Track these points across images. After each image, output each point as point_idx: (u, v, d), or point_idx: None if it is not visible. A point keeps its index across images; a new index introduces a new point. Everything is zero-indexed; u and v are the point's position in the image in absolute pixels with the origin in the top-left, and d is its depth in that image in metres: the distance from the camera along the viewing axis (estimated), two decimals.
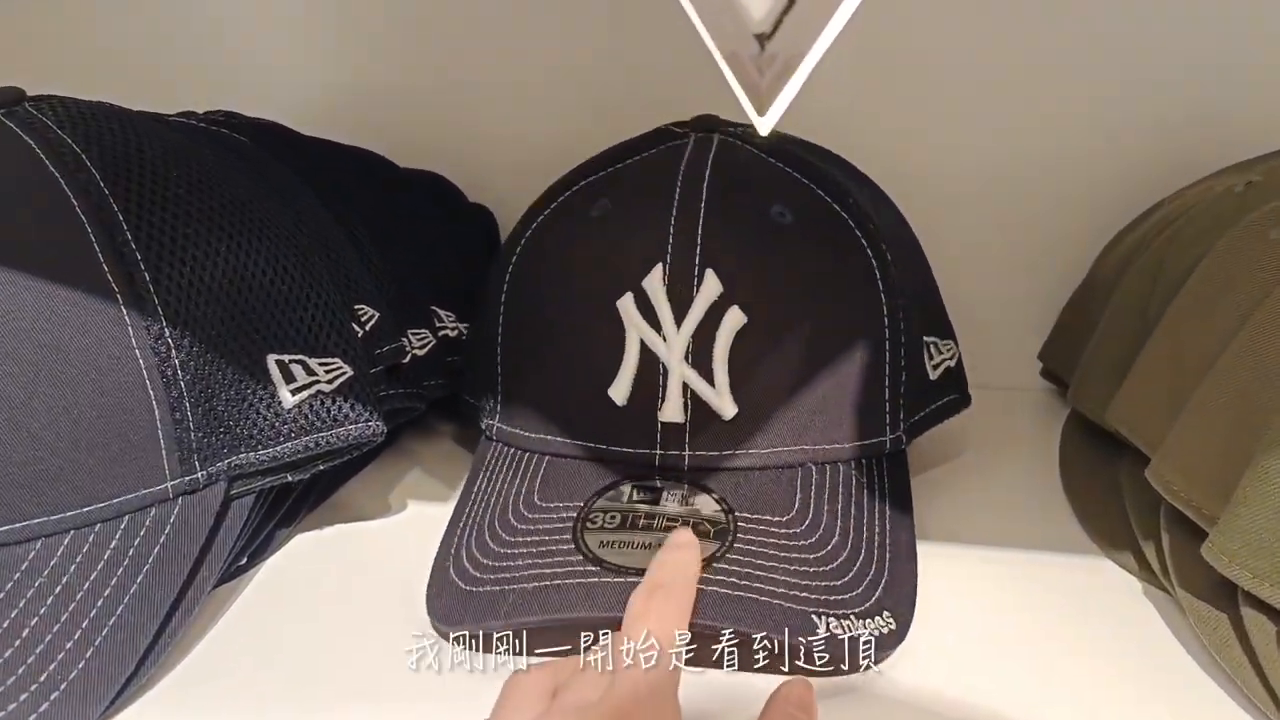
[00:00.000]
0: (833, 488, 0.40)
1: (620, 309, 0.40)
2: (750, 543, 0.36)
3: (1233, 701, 0.33)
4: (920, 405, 0.44)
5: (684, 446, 0.40)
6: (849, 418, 0.41)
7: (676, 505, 0.38)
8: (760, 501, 0.39)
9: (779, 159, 0.44)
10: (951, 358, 0.46)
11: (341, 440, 0.39)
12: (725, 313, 0.39)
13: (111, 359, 0.34)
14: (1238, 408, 0.36)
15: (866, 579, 0.36)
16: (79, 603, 0.33)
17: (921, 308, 0.45)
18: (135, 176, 0.36)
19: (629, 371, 0.40)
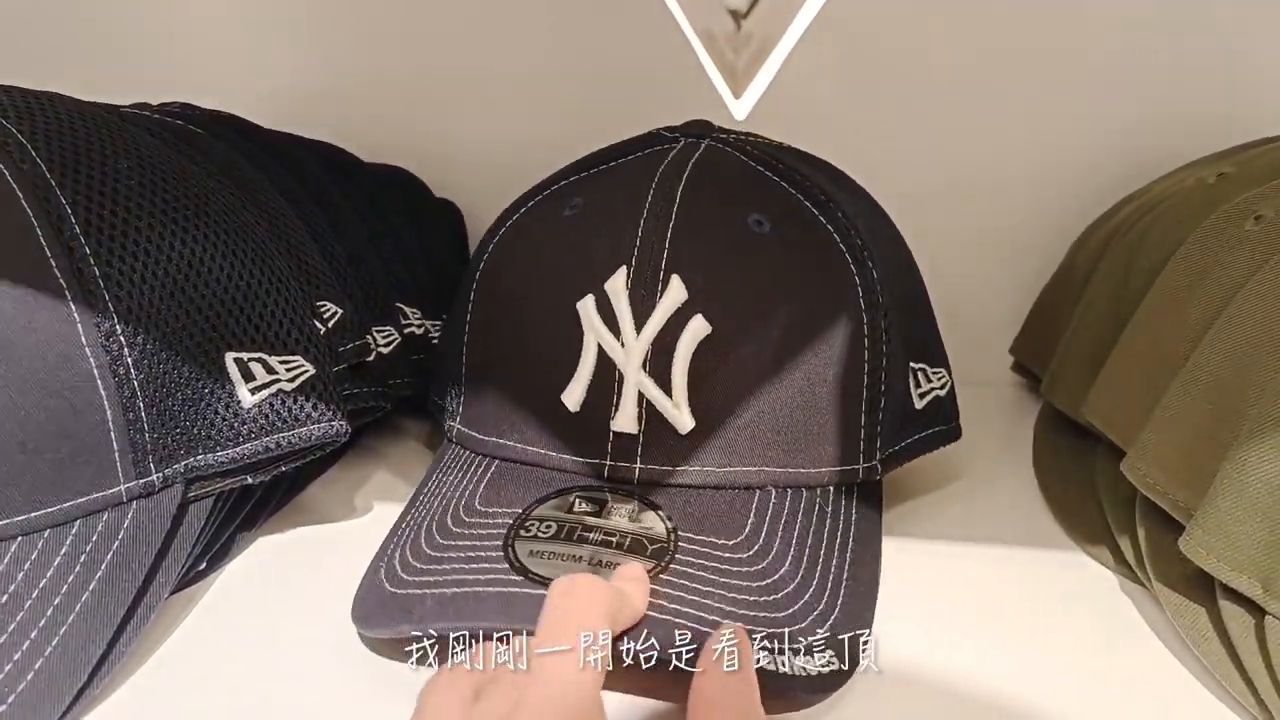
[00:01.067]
0: (792, 514, 0.38)
1: (580, 311, 0.39)
2: (688, 564, 0.35)
3: (1210, 694, 0.33)
4: (901, 435, 0.41)
5: (636, 459, 0.38)
6: (818, 442, 0.39)
7: (620, 519, 0.36)
8: (708, 522, 0.37)
9: (766, 168, 0.42)
10: (942, 387, 0.44)
11: (304, 440, 0.38)
12: (688, 321, 0.38)
13: (60, 358, 0.33)
14: (1213, 400, 0.36)
15: (814, 613, 0.34)
16: (27, 611, 0.31)
17: (910, 332, 0.43)
18: (84, 169, 0.35)
19: (584, 377, 0.39)
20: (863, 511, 0.39)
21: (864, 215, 0.43)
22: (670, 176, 0.40)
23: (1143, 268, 0.44)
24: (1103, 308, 0.46)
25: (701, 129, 0.45)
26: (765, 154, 0.43)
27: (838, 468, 0.39)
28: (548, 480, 0.39)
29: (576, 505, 0.37)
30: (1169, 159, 0.52)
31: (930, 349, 0.44)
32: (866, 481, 0.40)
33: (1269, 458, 0.32)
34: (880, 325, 0.40)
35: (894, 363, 0.40)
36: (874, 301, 0.40)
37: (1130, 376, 0.42)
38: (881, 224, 0.45)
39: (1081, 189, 0.58)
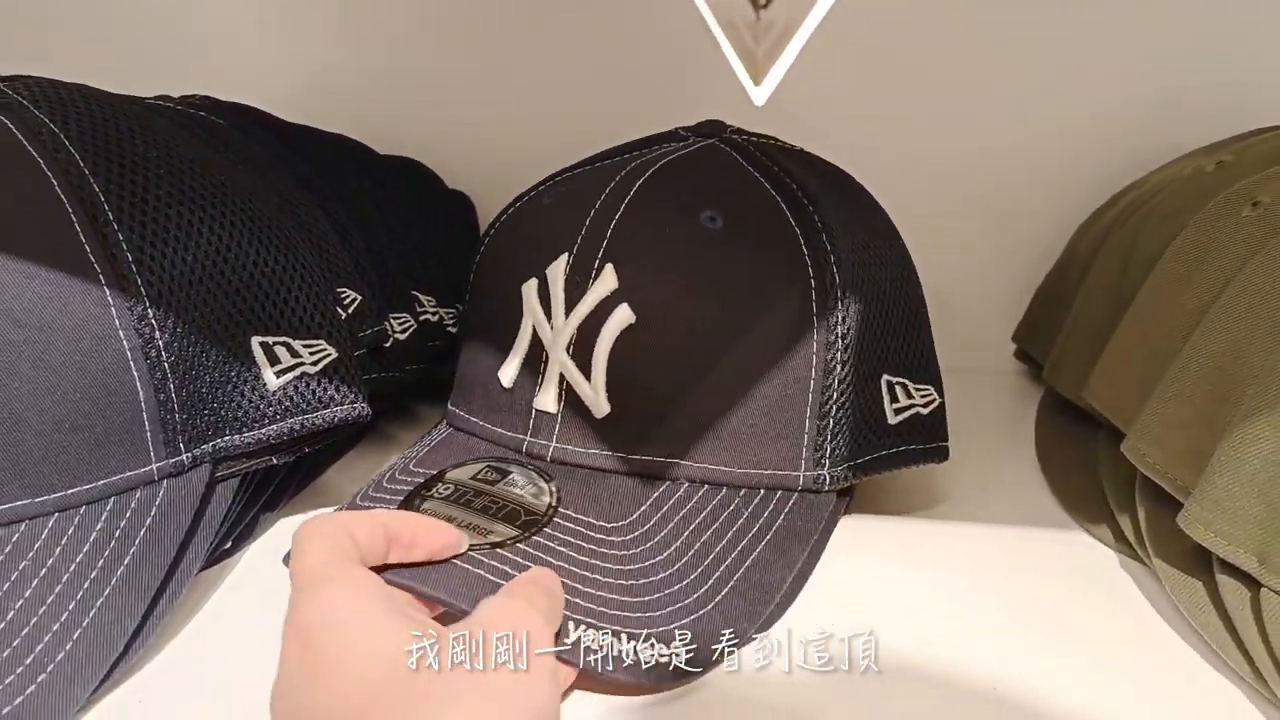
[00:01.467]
0: (697, 508, 0.38)
1: (523, 293, 0.41)
2: (553, 539, 0.35)
3: (1207, 664, 0.34)
4: (864, 449, 0.40)
5: (552, 437, 0.40)
6: (747, 442, 0.39)
7: (510, 489, 0.38)
8: (596, 504, 0.37)
9: (756, 167, 0.42)
10: (925, 405, 0.42)
11: (327, 421, 0.39)
12: (614, 309, 0.38)
13: (95, 340, 0.34)
14: (1212, 381, 0.37)
15: (675, 605, 0.33)
16: (65, 585, 0.32)
17: (887, 343, 0.41)
18: (115, 157, 0.36)
19: (518, 356, 0.41)
20: (792, 520, 0.38)
21: (851, 221, 0.42)
22: (638, 171, 0.42)
23: (1142, 255, 0.45)
24: (1103, 294, 0.47)
25: (712, 128, 0.46)
26: (764, 155, 0.43)
27: (768, 471, 0.39)
28: (475, 449, 0.41)
29: (481, 473, 0.39)
30: (1169, 149, 0.53)
31: (916, 364, 0.42)
32: (810, 490, 0.39)
33: (1265, 436, 0.33)
34: (837, 332, 0.39)
35: (855, 372, 0.39)
36: (830, 307, 0.39)
37: (1130, 361, 0.43)
38: (876, 234, 0.43)
39: (1082, 179, 0.59)
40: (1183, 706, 0.32)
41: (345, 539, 0.30)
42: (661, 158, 0.43)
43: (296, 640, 0.27)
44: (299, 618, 0.27)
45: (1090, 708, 0.32)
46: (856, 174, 0.49)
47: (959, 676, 0.33)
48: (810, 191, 0.41)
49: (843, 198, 0.43)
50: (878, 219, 0.45)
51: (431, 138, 0.64)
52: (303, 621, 0.27)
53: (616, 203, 0.40)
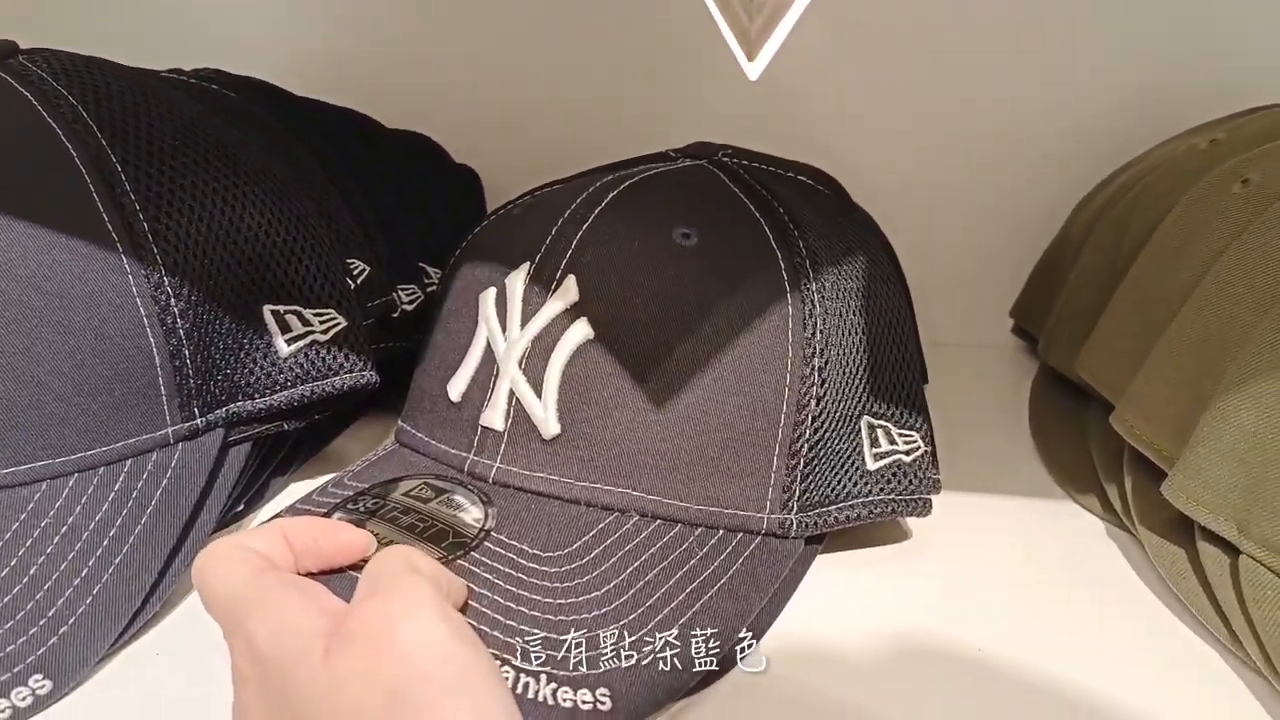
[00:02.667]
0: (645, 544, 0.34)
1: (480, 302, 0.39)
2: (480, 564, 0.32)
3: (1186, 628, 0.35)
4: (841, 495, 0.37)
5: (497, 456, 0.37)
6: (707, 477, 0.35)
7: (443, 509, 0.35)
8: (534, 530, 0.34)
9: (741, 187, 0.40)
10: (908, 452, 0.39)
11: (337, 388, 0.40)
12: (573, 323, 0.36)
13: (113, 307, 0.35)
14: (1199, 353, 0.38)
15: (607, 649, 0.30)
16: (85, 542, 0.34)
17: (871, 384, 0.38)
18: (131, 128, 0.37)
19: (469, 368, 0.38)
20: (751, 566, 0.34)
21: (843, 256, 0.39)
22: (613, 184, 0.40)
23: (1136, 231, 0.46)
24: (1097, 271, 0.48)
25: (703, 150, 0.44)
26: (752, 178, 0.41)
27: (729, 510, 0.36)
28: (416, 466, 0.39)
29: (416, 489, 0.36)
30: (1164, 128, 0.54)
31: (901, 408, 0.40)
32: (775, 535, 0.36)
33: (1246, 407, 0.34)
34: (814, 365, 0.36)
35: (832, 411, 0.37)
36: (808, 338, 0.36)
37: (1120, 335, 0.44)
38: (871, 272, 0.40)
39: (1079, 158, 0.59)
40: (1162, 667, 0.33)
41: (247, 553, 0.27)
42: (641, 174, 0.41)
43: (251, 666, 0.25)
44: (240, 654, 0.25)
45: (1073, 668, 0.33)
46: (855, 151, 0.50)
47: (945, 637, 0.34)
48: (799, 219, 0.39)
49: (837, 231, 0.41)
50: (876, 256, 0.42)
51: (439, 113, 0.64)
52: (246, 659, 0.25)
53: (586, 213, 0.38)
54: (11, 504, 0.34)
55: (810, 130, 0.60)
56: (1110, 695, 0.32)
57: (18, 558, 0.33)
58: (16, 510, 0.34)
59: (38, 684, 0.31)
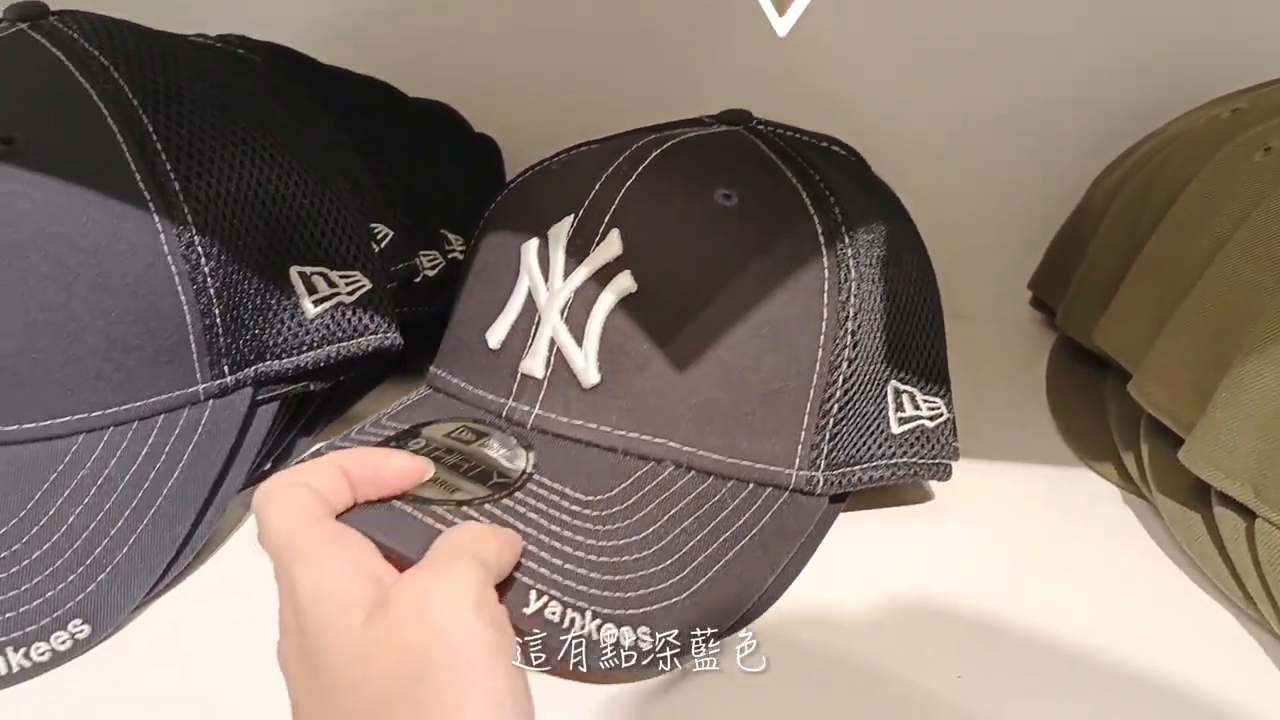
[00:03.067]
0: (680, 494, 0.35)
1: (522, 252, 0.39)
2: (524, 504, 0.33)
3: (1199, 589, 0.36)
4: (866, 456, 0.38)
5: (535, 403, 0.37)
6: (740, 431, 0.36)
7: (484, 450, 0.35)
8: (574, 475, 0.35)
9: (776, 154, 0.41)
10: (932, 417, 0.40)
11: (362, 349, 0.41)
12: (615, 276, 0.37)
13: (146, 265, 0.36)
14: (1218, 321, 0.38)
15: (647, 589, 0.31)
16: (120, 493, 0.35)
17: (899, 350, 0.39)
18: (162, 89, 0.37)
19: (509, 316, 0.39)
20: (780, 520, 0.35)
21: (875, 223, 0.40)
22: (655, 144, 0.40)
23: (1157, 201, 0.46)
24: (1117, 240, 0.48)
25: (738, 117, 0.44)
26: (787, 145, 0.42)
27: (760, 465, 0.36)
28: (453, 410, 0.39)
29: (457, 432, 0.37)
30: (1186, 99, 0.53)
31: (927, 375, 0.41)
32: (802, 491, 0.37)
33: (1265, 373, 0.34)
34: (847, 329, 0.37)
35: (862, 374, 0.38)
36: (843, 302, 0.37)
37: (1140, 304, 0.44)
38: (899, 241, 0.41)
39: (1100, 129, 0.59)
40: (1177, 629, 0.34)
41: (304, 493, 0.28)
42: (682, 134, 0.42)
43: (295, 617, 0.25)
44: (288, 596, 0.26)
45: (1089, 628, 0.33)
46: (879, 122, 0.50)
47: (961, 598, 0.35)
48: (834, 186, 0.40)
49: (868, 199, 0.42)
50: (903, 226, 0.43)
51: (459, 82, 0.65)
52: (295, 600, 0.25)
53: (630, 170, 0.39)
54: (49, 455, 0.35)
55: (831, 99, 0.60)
56: (1126, 654, 0.32)
57: (56, 507, 0.34)
58: (54, 461, 0.35)
59: (77, 629, 0.32)
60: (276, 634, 0.27)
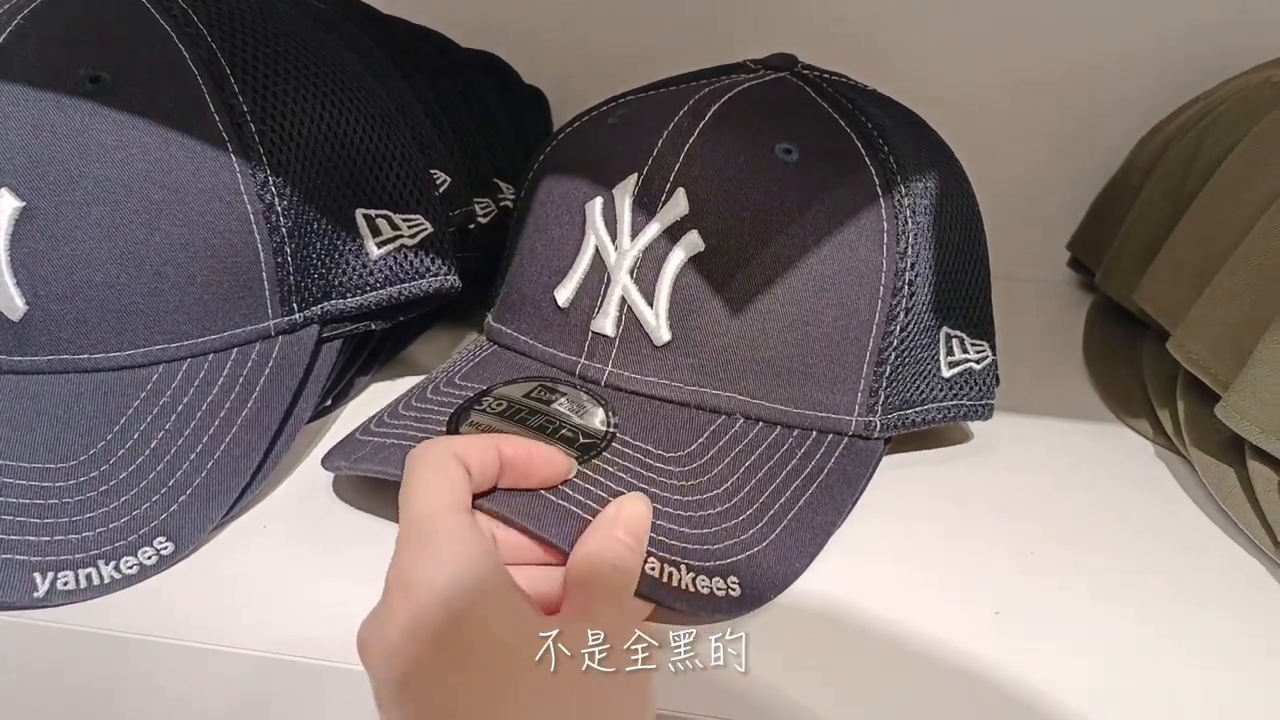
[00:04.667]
0: (751, 445, 0.37)
1: (587, 211, 0.40)
2: (613, 463, 0.34)
3: (1229, 539, 0.37)
4: (917, 400, 0.40)
5: (608, 361, 0.39)
6: (804, 382, 0.38)
7: (567, 410, 0.37)
8: (654, 432, 0.37)
9: (829, 103, 0.41)
10: (979, 360, 0.41)
11: (422, 291, 0.42)
12: (684, 235, 0.38)
13: (224, 203, 0.37)
14: (1260, 282, 0.39)
15: (731, 540, 0.33)
16: (199, 420, 0.36)
17: (953, 298, 0.41)
18: (240, 33, 0.39)
19: (578, 275, 0.40)
20: (842, 465, 0.37)
21: (926, 169, 0.41)
22: (712, 97, 0.40)
23: (1204, 162, 0.46)
24: (1160, 202, 0.49)
25: (783, 61, 0.44)
26: (836, 91, 0.42)
27: (823, 414, 0.38)
28: (525, 368, 0.40)
29: (534, 391, 0.38)
30: (1236, 62, 0.53)
31: (974, 320, 0.42)
32: (860, 436, 0.39)
33: None
34: (905, 279, 0.38)
35: (918, 322, 0.39)
36: (901, 253, 0.38)
37: (1182, 264, 0.45)
38: (949, 185, 0.42)
39: (1145, 91, 0.59)
40: (1206, 576, 0.35)
41: (457, 471, 0.28)
42: (733, 87, 0.41)
43: (402, 594, 0.26)
44: (402, 571, 0.26)
45: (1120, 578, 0.35)
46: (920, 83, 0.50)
47: (998, 546, 0.36)
48: (886, 133, 0.40)
49: (918, 144, 0.42)
50: (952, 169, 0.43)
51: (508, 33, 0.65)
52: (407, 578, 0.26)
53: (691, 127, 0.39)
54: (133, 383, 0.37)
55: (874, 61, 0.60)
56: (1157, 601, 0.33)
57: (140, 431, 0.36)
58: (137, 389, 0.37)
59: (162, 545, 0.33)
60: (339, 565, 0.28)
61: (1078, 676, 0.30)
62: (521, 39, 0.65)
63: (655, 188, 0.39)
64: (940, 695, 0.29)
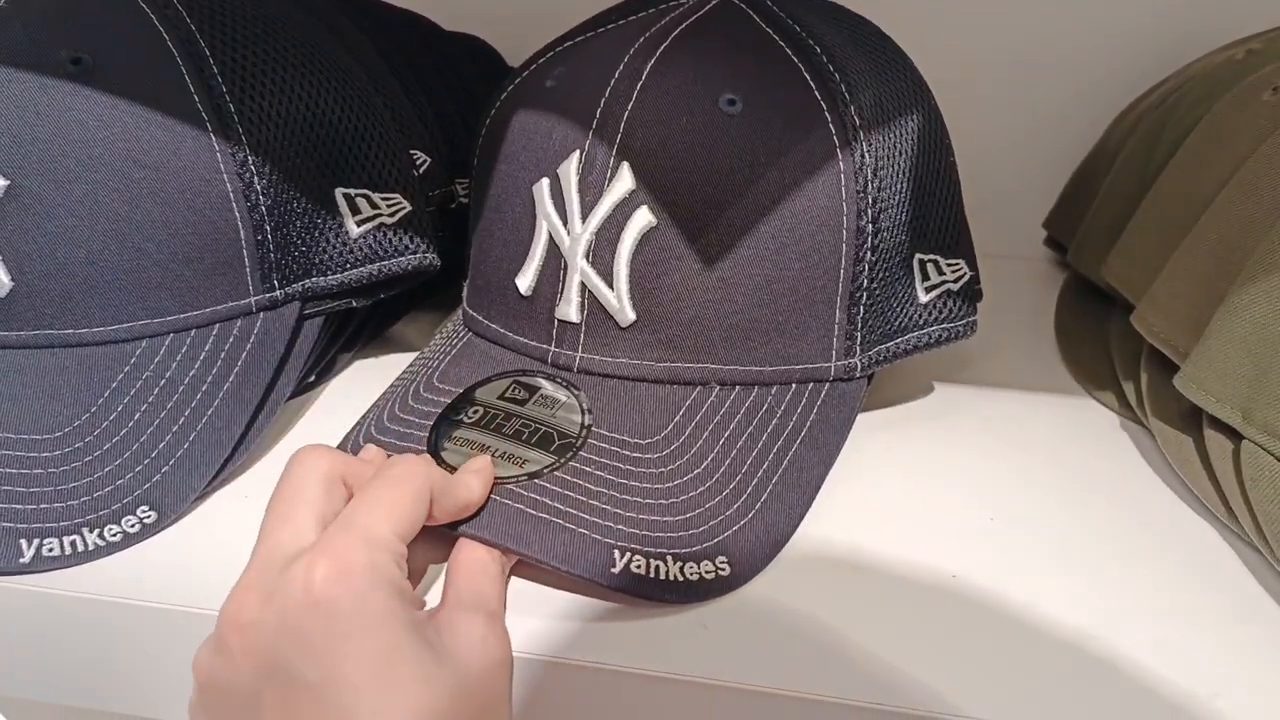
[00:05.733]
0: (729, 413, 0.37)
1: (535, 194, 0.39)
2: (590, 462, 0.34)
3: (1186, 506, 0.38)
4: (895, 332, 0.40)
5: (578, 347, 0.38)
6: (777, 339, 0.37)
7: (541, 409, 0.37)
8: (630, 418, 0.36)
9: (777, 29, 0.39)
10: (956, 279, 0.41)
11: (402, 268, 0.43)
12: (634, 212, 0.37)
13: (203, 181, 0.38)
14: (1218, 254, 0.40)
15: (716, 519, 0.33)
16: (181, 394, 0.37)
17: (923, 221, 0.40)
18: (219, 15, 0.39)
19: (535, 262, 0.39)
20: (825, 412, 0.38)
21: (882, 91, 0.39)
22: (647, 48, 0.38)
23: (1168, 140, 0.47)
24: (1128, 178, 0.50)
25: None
26: (783, 11, 0.40)
27: (800, 365, 0.38)
28: (499, 359, 0.40)
29: (509, 390, 0.38)
30: (1205, 42, 0.54)
31: (947, 238, 0.41)
32: (841, 379, 0.39)
33: (1259, 300, 0.36)
34: (867, 217, 0.37)
35: (886, 258, 0.38)
36: (861, 188, 0.37)
37: (1147, 239, 0.46)
38: (907, 103, 0.40)
39: (1119, 71, 0.60)
40: (1161, 541, 0.36)
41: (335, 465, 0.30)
42: (672, 27, 0.39)
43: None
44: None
45: (1076, 537, 0.36)
46: None
47: (961, 508, 0.37)
48: (836, 56, 0.38)
49: (870, 58, 0.40)
50: (911, 83, 0.41)
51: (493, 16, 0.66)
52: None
53: (629, 90, 0.37)
54: (116, 357, 0.38)
55: None
56: (1111, 563, 0.35)
57: (124, 404, 0.37)
58: (121, 363, 0.38)
59: (144, 514, 0.35)
60: None
61: (1034, 639, 0.31)
62: (505, 22, 0.66)
63: (600, 165, 0.37)
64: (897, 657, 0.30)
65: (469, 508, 0.32)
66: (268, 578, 0.26)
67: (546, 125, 0.39)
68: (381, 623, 0.26)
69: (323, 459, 0.29)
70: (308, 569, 0.26)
